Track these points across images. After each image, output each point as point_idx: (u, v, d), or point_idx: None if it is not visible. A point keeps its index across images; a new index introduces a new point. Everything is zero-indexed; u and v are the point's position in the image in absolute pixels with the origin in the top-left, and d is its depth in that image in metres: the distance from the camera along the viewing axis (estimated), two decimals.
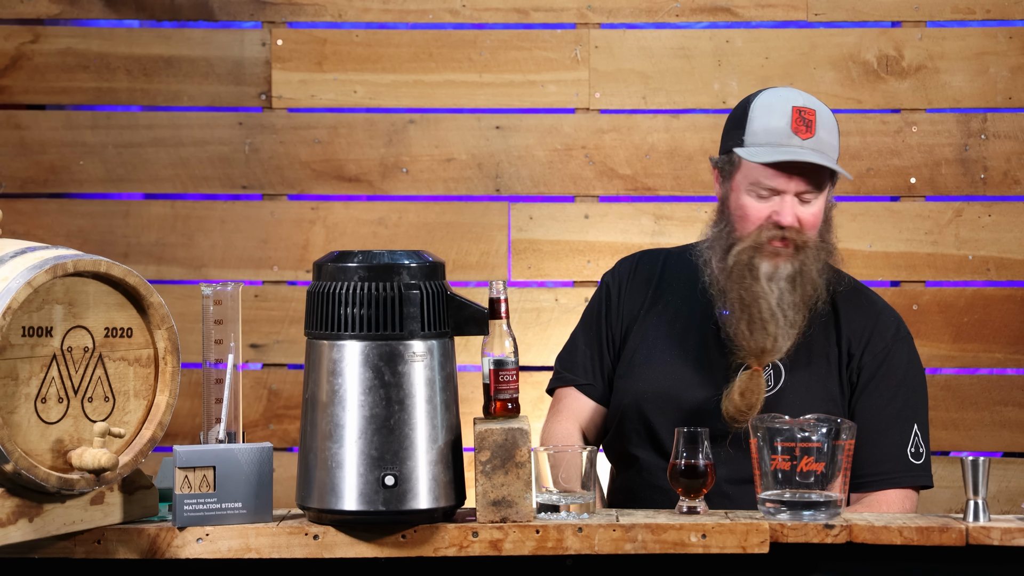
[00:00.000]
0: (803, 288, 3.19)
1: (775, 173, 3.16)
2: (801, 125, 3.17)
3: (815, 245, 3.20)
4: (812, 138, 3.16)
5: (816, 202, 3.19)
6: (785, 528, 2.76)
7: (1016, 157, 4.25)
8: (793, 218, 3.17)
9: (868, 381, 3.23)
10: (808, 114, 3.18)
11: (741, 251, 3.19)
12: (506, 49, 4.31)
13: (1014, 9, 4.25)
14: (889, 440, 3.20)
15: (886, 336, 3.26)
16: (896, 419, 3.21)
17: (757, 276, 3.17)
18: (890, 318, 3.30)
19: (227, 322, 2.87)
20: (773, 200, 3.18)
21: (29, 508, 2.65)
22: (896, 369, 3.24)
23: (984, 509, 2.80)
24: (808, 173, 3.15)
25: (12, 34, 4.31)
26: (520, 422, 2.79)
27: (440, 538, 2.75)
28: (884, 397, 3.22)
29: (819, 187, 3.17)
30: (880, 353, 3.24)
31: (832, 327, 3.27)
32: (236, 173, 4.32)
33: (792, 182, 3.16)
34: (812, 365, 3.22)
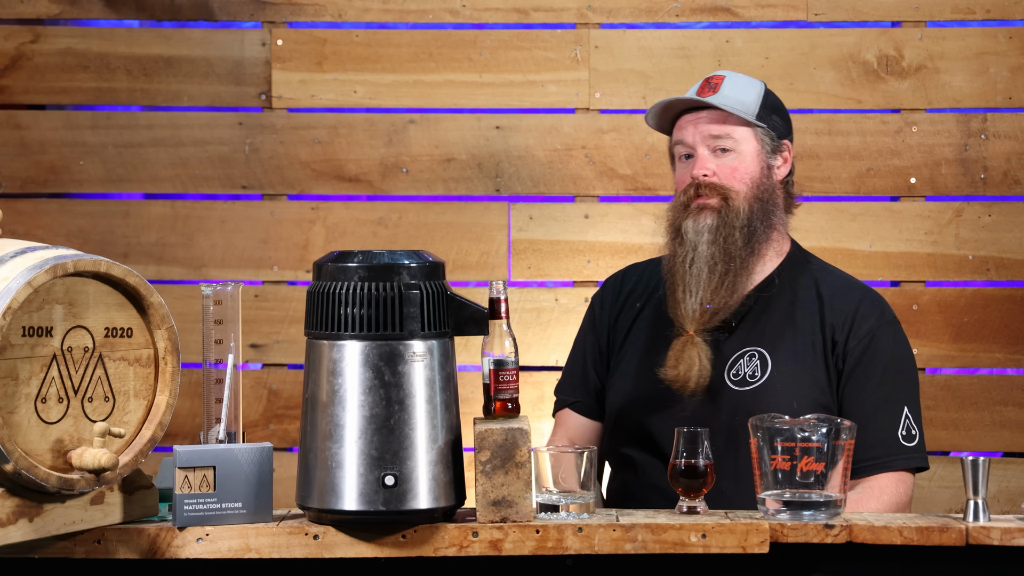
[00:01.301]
0: (724, 240, 3.22)
1: (680, 128, 3.28)
2: (706, 88, 3.28)
3: (744, 198, 3.24)
4: (714, 95, 3.26)
5: (736, 155, 3.26)
6: (785, 528, 2.76)
7: (1016, 157, 4.25)
8: (704, 168, 3.24)
9: (854, 367, 3.22)
10: (715, 79, 3.29)
11: (669, 216, 3.28)
12: (506, 49, 4.31)
13: (1014, 9, 4.25)
14: (879, 424, 3.19)
15: (870, 320, 3.25)
16: (885, 403, 3.20)
17: (682, 237, 3.24)
18: (874, 302, 3.29)
19: (227, 322, 2.87)
20: (692, 160, 3.27)
21: (29, 508, 2.65)
22: (882, 353, 3.23)
23: (984, 509, 2.80)
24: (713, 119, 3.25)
25: (12, 34, 4.31)
26: (520, 422, 2.79)
27: (440, 538, 2.75)
28: (872, 382, 3.21)
29: (726, 132, 3.24)
30: (865, 338, 3.23)
31: (817, 312, 3.27)
32: (236, 173, 4.32)
33: (696, 129, 3.26)
34: (798, 354, 3.23)
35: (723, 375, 3.21)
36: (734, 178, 3.24)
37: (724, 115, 3.25)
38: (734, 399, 3.18)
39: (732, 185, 3.23)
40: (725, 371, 3.21)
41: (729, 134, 3.25)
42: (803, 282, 3.30)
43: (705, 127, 3.25)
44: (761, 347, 3.23)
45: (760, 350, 3.22)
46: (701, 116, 3.26)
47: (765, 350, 3.22)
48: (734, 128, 3.25)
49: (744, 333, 3.24)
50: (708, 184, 3.22)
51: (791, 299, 3.27)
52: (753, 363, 3.22)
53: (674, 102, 3.29)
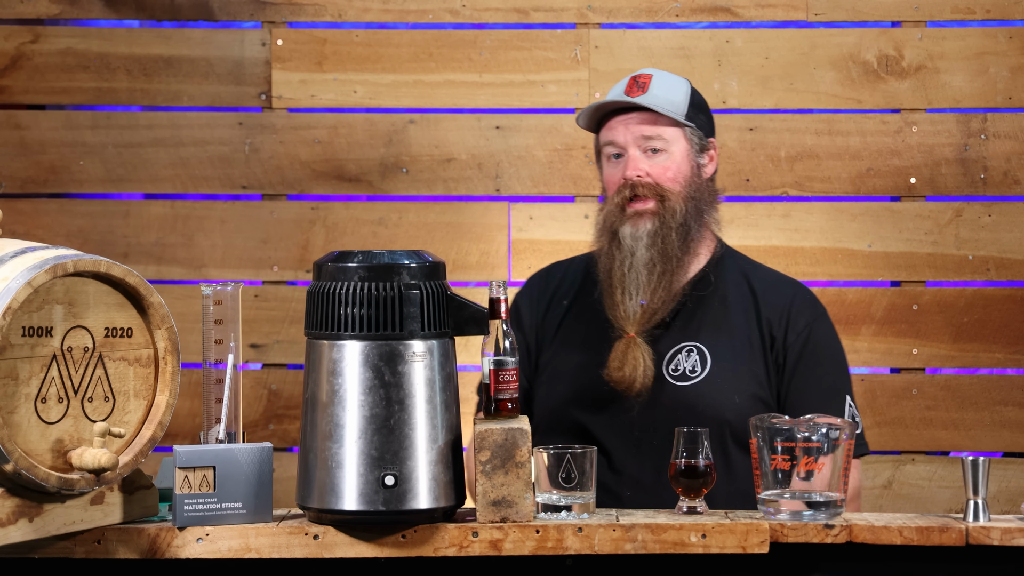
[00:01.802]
0: (662, 241, 3.25)
1: (612, 129, 3.28)
2: (634, 87, 3.29)
3: (679, 198, 3.26)
4: (643, 95, 3.27)
5: (668, 155, 3.28)
6: (785, 528, 2.76)
7: (1016, 157, 4.25)
8: (638, 169, 3.26)
9: (797, 361, 3.27)
10: (643, 78, 3.31)
11: (604, 218, 3.29)
12: (506, 49, 4.31)
13: (1014, 9, 4.25)
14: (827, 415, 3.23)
15: (806, 314, 3.31)
16: (830, 393, 3.26)
17: (619, 241, 3.25)
18: (806, 296, 3.35)
19: (227, 322, 2.87)
20: (623, 160, 3.28)
21: (29, 508, 2.65)
22: (821, 345, 3.29)
23: (984, 509, 2.80)
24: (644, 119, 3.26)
25: (12, 34, 4.31)
26: (520, 422, 2.79)
27: (440, 538, 2.75)
28: (815, 374, 3.27)
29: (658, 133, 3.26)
30: (803, 332, 3.28)
31: (752, 308, 3.30)
32: (236, 173, 4.32)
33: (628, 130, 3.27)
34: (736, 349, 3.26)
35: (662, 371, 3.23)
36: (667, 178, 3.27)
37: (655, 115, 3.27)
38: (675, 394, 3.22)
39: (666, 185, 3.26)
40: (663, 367, 3.24)
41: (660, 135, 3.28)
42: (734, 278, 3.34)
43: (636, 128, 3.27)
44: (698, 342, 3.26)
45: (698, 345, 3.26)
46: (632, 116, 3.28)
47: (703, 345, 3.25)
48: (665, 128, 3.28)
49: (679, 329, 3.27)
50: (643, 184, 3.25)
51: (723, 295, 3.32)
52: (692, 358, 3.25)
53: (605, 104, 3.30)
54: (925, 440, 4.26)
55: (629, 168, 3.25)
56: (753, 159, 4.28)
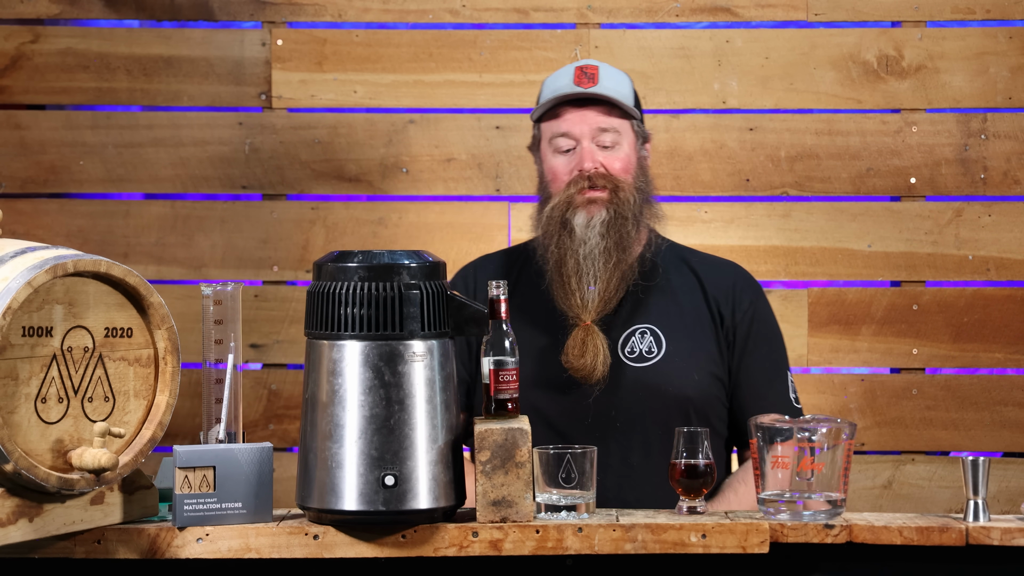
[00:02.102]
0: (617, 232, 3.28)
1: (565, 119, 3.30)
2: (583, 78, 3.32)
3: (631, 188, 3.30)
4: (595, 86, 3.30)
5: (620, 147, 3.31)
6: (785, 528, 2.76)
7: (1016, 157, 4.25)
8: (595, 162, 3.29)
9: (745, 339, 3.35)
10: (590, 69, 3.33)
11: (553, 208, 3.31)
12: (506, 49, 4.31)
13: (1014, 9, 4.25)
14: (775, 391, 3.33)
15: (749, 293, 3.39)
16: (775, 370, 3.35)
17: (571, 229, 3.28)
18: (746, 277, 3.43)
19: (227, 322, 2.87)
20: (574, 152, 3.30)
21: (29, 508, 2.65)
22: (764, 324, 3.37)
23: (984, 509, 2.80)
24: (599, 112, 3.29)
25: (12, 34, 4.31)
26: (520, 422, 2.79)
27: (440, 538, 2.75)
28: (762, 351, 3.34)
29: (612, 125, 3.29)
30: (748, 310, 3.36)
31: (698, 290, 3.37)
32: (236, 173, 4.32)
33: (584, 122, 3.29)
34: (688, 328, 3.30)
35: (618, 354, 3.26)
36: (619, 169, 3.32)
37: (608, 108, 3.30)
38: (634, 375, 3.25)
39: (619, 176, 3.31)
40: (619, 350, 3.27)
41: (614, 127, 3.31)
42: (674, 263, 3.40)
43: (593, 119, 3.30)
44: (650, 324, 3.30)
45: (650, 327, 3.30)
46: (587, 108, 3.29)
47: (655, 327, 3.28)
48: (617, 120, 3.32)
49: (628, 313, 3.30)
50: (599, 175, 3.26)
51: (667, 279, 3.37)
52: (647, 339, 3.28)
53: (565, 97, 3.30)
54: (925, 440, 4.26)
55: (586, 160, 3.28)
56: (753, 159, 4.28)
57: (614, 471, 3.15)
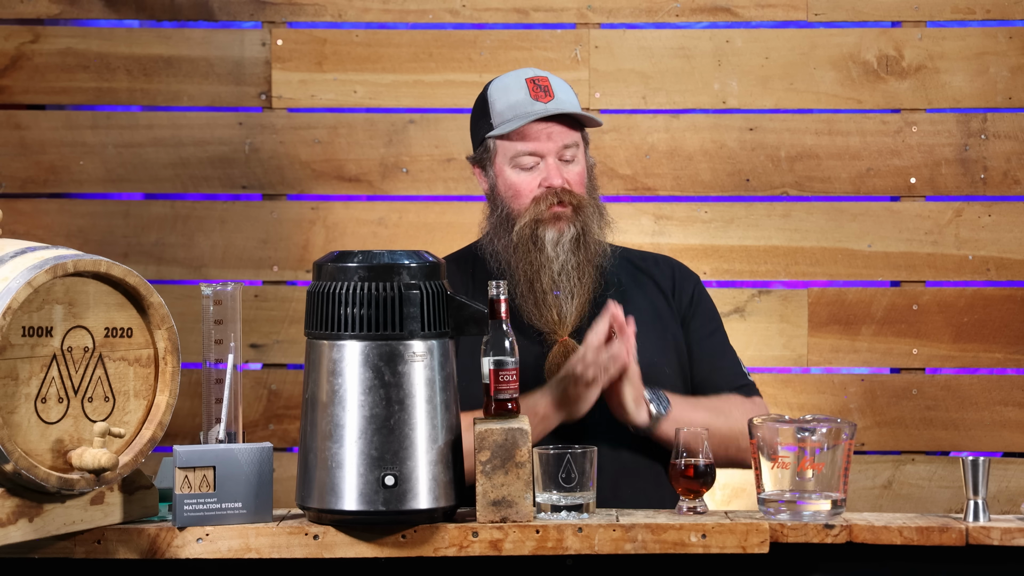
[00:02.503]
0: (587, 248, 3.30)
1: (533, 138, 3.28)
2: (539, 92, 3.30)
3: (590, 204, 3.32)
4: (553, 100, 3.29)
5: (578, 161, 3.32)
6: (785, 528, 2.76)
7: (1016, 157, 4.25)
8: (562, 179, 3.29)
9: (691, 318, 3.39)
10: (542, 81, 3.32)
11: (523, 226, 3.30)
12: (506, 49, 4.31)
13: (1014, 9, 4.25)
14: (727, 363, 3.37)
15: (690, 278, 3.44)
16: (723, 347, 3.39)
17: (542, 246, 3.28)
18: (682, 266, 3.48)
19: (227, 322, 2.87)
20: (538, 168, 3.29)
21: (29, 508, 2.65)
22: (708, 306, 3.42)
23: (984, 509, 2.80)
24: (563, 129, 3.28)
25: (12, 34, 4.31)
26: (520, 422, 2.79)
27: (440, 538, 2.75)
28: (707, 330, 3.38)
29: (574, 140, 3.29)
30: (692, 294, 3.41)
31: (648, 286, 3.40)
32: (236, 173, 4.32)
33: (551, 141, 3.28)
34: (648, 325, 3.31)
35: None
36: (579, 183, 3.32)
37: (570, 122, 3.30)
38: None
39: (579, 191, 3.31)
40: None
41: (575, 141, 3.32)
42: (621, 264, 3.40)
43: (560, 136, 3.29)
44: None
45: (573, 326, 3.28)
46: (551, 125, 3.29)
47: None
48: (577, 136, 3.33)
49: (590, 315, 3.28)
50: (565, 191, 3.27)
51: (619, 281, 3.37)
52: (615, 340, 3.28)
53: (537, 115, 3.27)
54: (925, 440, 4.26)
55: (552, 177, 3.28)
56: (753, 159, 4.28)
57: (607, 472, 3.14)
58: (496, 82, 3.37)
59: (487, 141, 3.34)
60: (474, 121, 3.41)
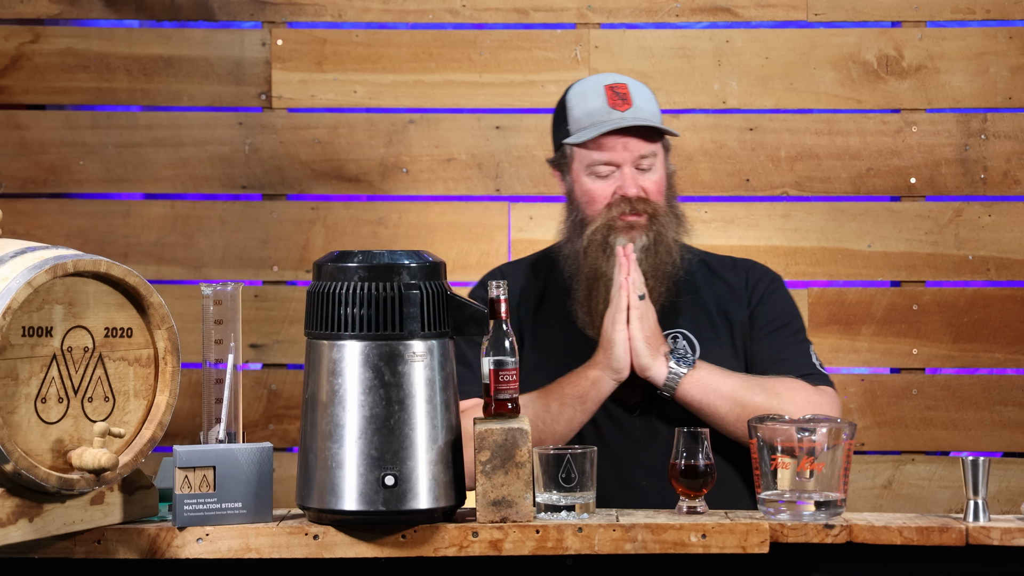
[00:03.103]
0: (657, 257, 3.27)
1: (609, 148, 3.26)
2: (617, 100, 3.28)
3: (666, 212, 3.30)
4: (630, 108, 3.26)
5: (656, 169, 3.29)
6: (785, 528, 2.76)
7: (1016, 157, 4.25)
8: (637, 188, 3.27)
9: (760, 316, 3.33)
10: (620, 88, 3.29)
11: (594, 231, 3.29)
12: (506, 49, 4.31)
13: (1014, 9, 4.25)
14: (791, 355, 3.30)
15: (766, 280, 3.38)
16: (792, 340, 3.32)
17: (611, 253, 3.26)
18: (763, 267, 3.43)
19: (227, 322, 2.87)
20: (614, 176, 3.27)
21: (29, 508, 2.65)
22: (781, 304, 3.36)
23: (984, 509, 2.80)
24: (640, 138, 3.26)
25: (12, 34, 4.31)
26: (520, 422, 2.79)
27: (440, 538, 2.75)
28: (776, 325, 3.33)
29: (652, 151, 3.27)
30: (761, 292, 3.36)
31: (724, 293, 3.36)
32: (236, 173, 4.32)
33: (627, 151, 3.26)
34: (717, 331, 3.31)
35: None
36: (656, 192, 3.31)
37: (648, 132, 3.27)
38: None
39: (656, 200, 3.29)
40: None
41: (653, 151, 3.29)
42: (699, 269, 3.39)
43: (636, 147, 3.27)
44: (681, 328, 3.30)
45: (683, 332, 3.29)
46: (629, 135, 3.26)
47: (688, 332, 3.27)
48: (655, 145, 3.30)
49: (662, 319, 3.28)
50: (640, 200, 3.25)
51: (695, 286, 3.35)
52: (680, 344, 3.27)
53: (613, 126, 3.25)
54: (925, 440, 4.26)
55: (629, 187, 3.25)
56: (753, 159, 4.28)
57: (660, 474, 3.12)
58: (575, 87, 3.35)
59: (565, 147, 3.32)
60: (554, 125, 3.40)
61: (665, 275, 3.28)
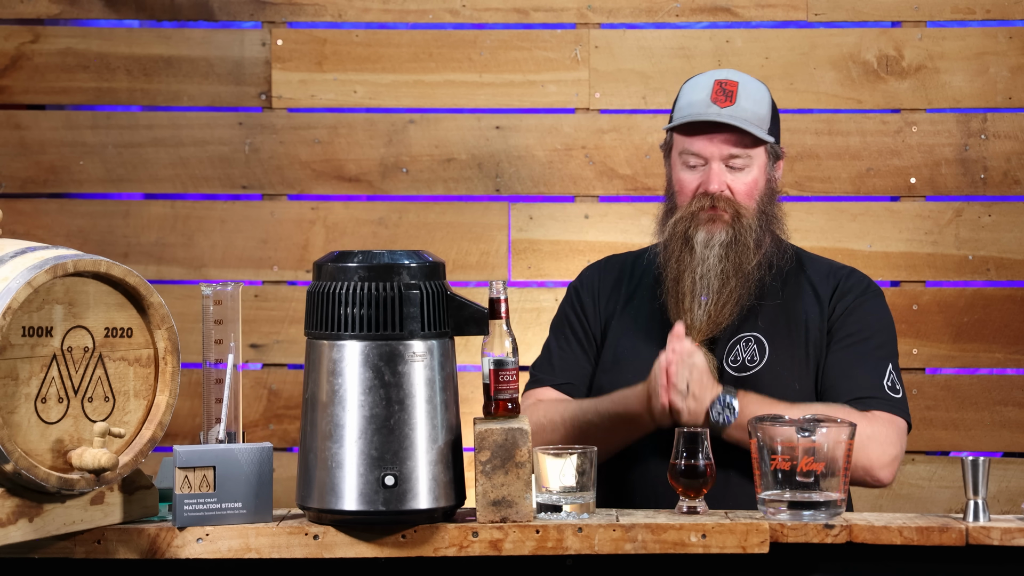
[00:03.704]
0: (736, 256, 3.23)
1: (697, 139, 3.23)
2: (721, 95, 3.24)
3: (753, 214, 3.25)
4: (732, 106, 3.23)
5: (749, 171, 3.25)
6: (785, 528, 2.76)
7: (1016, 157, 4.25)
8: (721, 184, 3.23)
9: (840, 327, 3.26)
10: (729, 85, 3.26)
11: (676, 222, 3.27)
12: (506, 49, 4.31)
13: (1014, 9, 4.25)
14: (864, 371, 3.22)
15: (857, 291, 3.30)
16: (870, 356, 3.23)
17: (692, 246, 3.24)
18: (860, 276, 3.35)
19: (227, 322, 2.87)
20: (703, 169, 3.24)
21: (29, 508, 2.65)
22: (867, 316, 3.27)
23: (984, 509, 2.80)
24: (731, 138, 3.22)
25: (12, 34, 4.31)
26: (520, 422, 2.79)
27: (440, 538, 2.75)
28: (855, 338, 3.25)
29: (745, 152, 3.22)
30: (852, 304, 3.28)
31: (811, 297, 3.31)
32: (236, 173, 4.32)
33: (714, 146, 3.22)
34: (793, 337, 3.26)
35: (722, 363, 3.22)
36: (745, 194, 3.24)
37: (742, 132, 3.22)
38: (735, 384, 3.19)
39: (744, 202, 3.23)
40: (724, 359, 3.23)
41: (746, 153, 3.23)
42: (792, 270, 3.34)
43: (724, 146, 3.23)
44: (756, 332, 3.25)
45: (755, 335, 3.25)
46: (721, 131, 3.22)
47: (761, 335, 3.24)
48: (750, 148, 3.24)
49: (738, 320, 3.25)
50: (723, 198, 3.22)
51: (780, 285, 3.30)
52: (750, 348, 3.24)
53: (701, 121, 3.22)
54: (925, 440, 4.26)
55: (713, 182, 3.22)
56: None
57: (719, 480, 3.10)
58: (693, 77, 3.34)
59: (669, 133, 3.31)
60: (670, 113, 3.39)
61: (745, 275, 3.23)
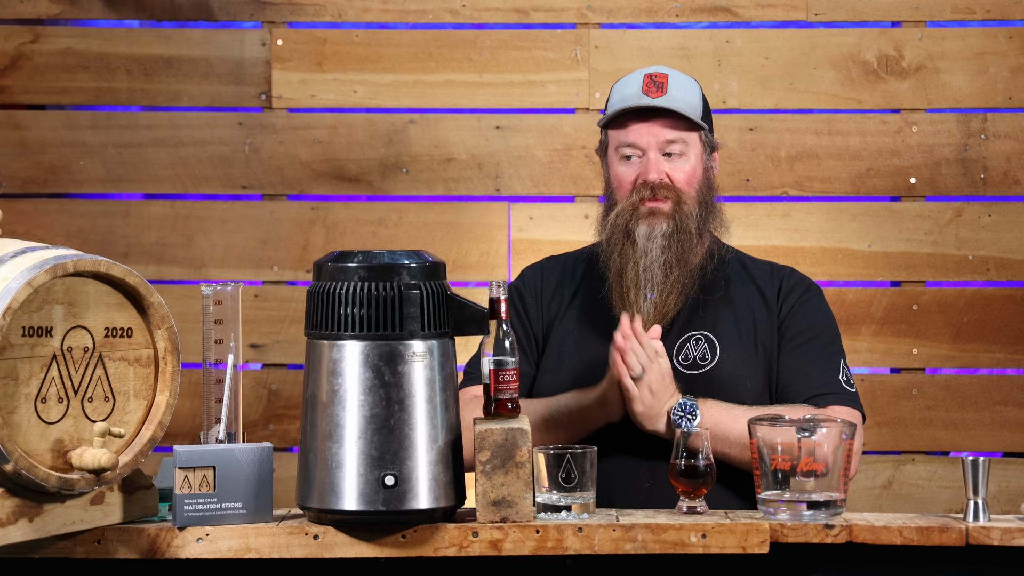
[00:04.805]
0: (679, 246, 3.25)
1: (632, 128, 3.25)
2: (652, 87, 3.27)
3: (693, 202, 3.27)
4: (663, 96, 3.25)
5: (686, 159, 3.27)
6: (785, 528, 2.76)
7: (1016, 157, 4.25)
8: (660, 173, 3.25)
9: (789, 327, 3.28)
10: (659, 77, 3.28)
11: (617, 215, 3.28)
12: (506, 49, 4.31)
13: (1014, 9, 4.25)
14: (818, 368, 3.25)
15: (800, 289, 3.33)
16: (821, 353, 3.27)
17: (634, 239, 3.25)
18: (800, 275, 3.38)
19: (227, 322, 2.87)
20: (640, 161, 3.26)
21: (29, 508, 2.66)
22: (813, 314, 3.30)
23: (984, 509, 2.80)
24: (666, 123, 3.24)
25: (12, 34, 4.31)
26: (520, 422, 2.79)
27: (440, 538, 2.75)
28: (805, 336, 3.28)
29: (680, 137, 3.25)
30: (797, 302, 3.31)
31: (756, 297, 3.32)
32: (236, 173, 4.32)
33: (650, 134, 3.25)
34: (743, 335, 3.27)
35: (672, 360, 3.22)
36: (683, 181, 3.27)
37: (675, 118, 3.26)
38: (688, 382, 3.21)
39: (683, 188, 3.26)
40: (673, 356, 3.23)
41: (681, 138, 3.26)
42: (735, 269, 3.36)
43: (660, 131, 3.25)
44: (705, 331, 3.26)
45: (705, 334, 3.27)
46: (654, 120, 3.26)
47: (711, 334, 3.25)
48: (685, 133, 3.27)
49: (685, 320, 3.27)
50: (662, 186, 3.24)
51: (724, 285, 3.32)
52: (701, 346, 3.25)
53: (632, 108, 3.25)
54: (925, 440, 4.26)
55: (651, 172, 3.24)
56: (753, 159, 4.28)
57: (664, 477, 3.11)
58: (622, 78, 3.36)
59: (602, 131, 3.33)
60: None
61: (687, 267, 3.25)
